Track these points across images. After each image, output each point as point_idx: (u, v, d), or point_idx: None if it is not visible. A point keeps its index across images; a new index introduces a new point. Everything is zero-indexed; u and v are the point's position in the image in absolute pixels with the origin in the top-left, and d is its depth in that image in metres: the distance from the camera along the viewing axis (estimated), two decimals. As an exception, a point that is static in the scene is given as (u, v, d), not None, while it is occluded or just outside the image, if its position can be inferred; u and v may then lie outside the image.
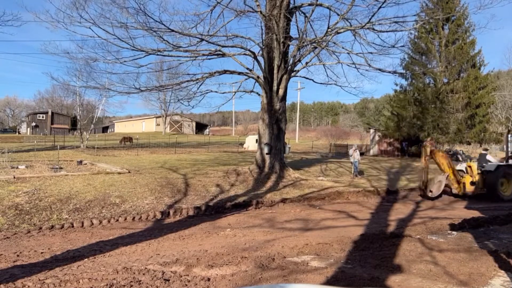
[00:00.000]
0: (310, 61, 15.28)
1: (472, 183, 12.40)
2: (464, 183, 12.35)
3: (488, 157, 13.21)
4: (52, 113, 67.78)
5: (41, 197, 9.39)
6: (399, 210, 10.31)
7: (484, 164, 12.78)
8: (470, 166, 12.82)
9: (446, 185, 12.42)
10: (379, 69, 14.82)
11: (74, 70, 20.55)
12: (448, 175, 12.35)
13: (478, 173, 12.53)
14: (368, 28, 12.89)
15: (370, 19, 12.19)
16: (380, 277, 4.57)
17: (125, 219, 8.80)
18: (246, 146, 32.08)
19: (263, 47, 14.51)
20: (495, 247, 5.86)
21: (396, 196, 13.03)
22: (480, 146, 30.72)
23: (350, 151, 17.06)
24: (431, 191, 12.18)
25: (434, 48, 27.72)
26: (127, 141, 34.96)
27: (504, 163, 13.11)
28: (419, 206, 11.16)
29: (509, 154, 13.72)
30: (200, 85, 14.99)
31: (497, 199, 12.07)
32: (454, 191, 12.51)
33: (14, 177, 10.65)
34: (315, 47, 14.05)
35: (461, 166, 13.10)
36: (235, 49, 14.33)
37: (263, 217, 9.24)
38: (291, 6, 14.41)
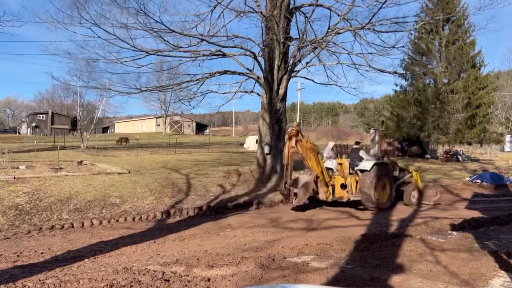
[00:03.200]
0: (310, 61, 15.30)
1: (343, 185, 9.93)
2: (333, 186, 9.74)
3: (362, 153, 10.84)
4: (52, 113, 67.77)
5: (41, 197, 9.39)
6: (401, 210, 10.31)
7: (357, 162, 10.34)
8: (341, 164, 10.25)
9: (312, 189, 9.52)
10: (379, 70, 14.83)
11: (75, 70, 20.55)
12: (316, 175, 9.43)
13: (350, 173, 10.21)
14: (368, 28, 12.90)
15: (370, 19, 12.21)
16: (380, 277, 4.57)
17: (125, 219, 8.80)
18: (246, 146, 32.08)
19: (263, 47, 14.51)
20: (495, 248, 5.86)
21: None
22: (481, 146, 30.69)
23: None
24: (295, 195, 9.24)
25: (434, 49, 27.74)
26: (123, 141, 35.03)
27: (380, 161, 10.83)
28: (420, 206, 11.15)
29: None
30: (200, 86, 15.01)
31: (374, 207, 9.87)
32: (322, 196, 9.55)
33: (14, 178, 10.65)
34: (315, 48, 14.05)
35: (330, 164, 10.40)
36: (236, 50, 14.34)
37: (264, 218, 9.24)
38: (291, 6, 14.42)
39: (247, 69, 14.67)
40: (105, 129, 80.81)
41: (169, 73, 16.46)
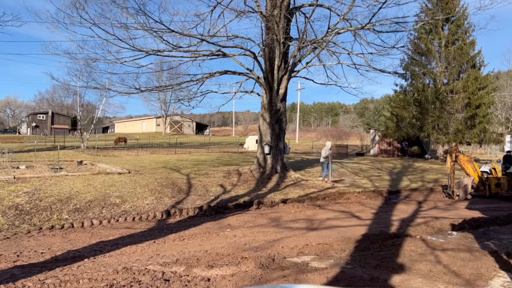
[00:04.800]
0: (310, 61, 15.30)
1: (497, 184, 12.66)
2: (489, 185, 12.64)
3: None
4: (53, 113, 67.78)
5: (41, 197, 9.39)
6: (401, 210, 10.31)
7: (508, 166, 13.07)
8: (494, 168, 13.10)
9: (471, 187, 12.70)
10: (379, 70, 14.83)
11: (74, 70, 20.59)
12: (473, 179, 12.59)
13: (503, 175, 12.91)
14: (368, 28, 12.90)
15: (370, 19, 12.21)
16: (380, 277, 4.57)
17: (125, 219, 8.80)
18: (246, 146, 32.08)
19: (263, 47, 14.52)
20: (495, 248, 5.86)
21: (398, 196, 13.03)
22: (480, 146, 30.66)
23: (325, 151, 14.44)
24: (457, 195, 12.39)
25: (434, 49, 27.73)
26: (122, 141, 34.83)
27: None
28: (421, 206, 11.15)
29: None
30: (200, 86, 15.02)
31: None
32: (480, 193, 12.76)
33: (15, 177, 10.65)
34: (315, 48, 14.05)
35: (485, 168, 13.32)
36: (236, 50, 14.34)
37: (264, 218, 9.24)
38: (291, 6, 14.41)
39: (247, 69, 14.68)
40: (105, 129, 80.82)
41: (169, 73, 16.49)
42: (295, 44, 14.19)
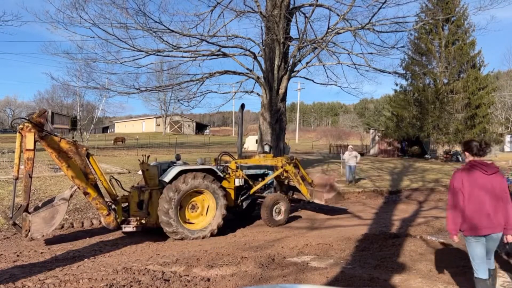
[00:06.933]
0: (310, 61, 15.27)
1: (139, 204, 6.95)
2: (128, 205, 7.01)
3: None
4: (52, 113, 67.70)
5: (41, 197, 9.39)
6: (402, 210, 10.29)
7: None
8: (145, 170, 7.06)
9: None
10: (379, 70, 14.80)
11: (74, 70, 20.52)
12: (84, 191, 6.18)
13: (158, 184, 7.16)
14: (368, 28, 12.88)
15: (370, 19, 12.19)
16: (380, 278, 4.57)
17: (125, 219, 8.78)
18: (246, 146, 32.08)
19: (263, 47, 14.50)
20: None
21: (398, 196, 13.01)
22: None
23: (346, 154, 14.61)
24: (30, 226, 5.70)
25: (434, 49, 27.74)
26: (119, 141, 34.99)
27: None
28: (421, 206, 11.14)
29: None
30: (200, 86, 14.99)
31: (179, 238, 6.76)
32: (103, 221, 6.56)
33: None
34: (315, 48, 14.03)
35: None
36: (236, 50, 14.32)
37: (263, 218, 9.22)
38: (291, 6, 14.40)
39: (247, 69, 14.66)
40: (105, 129, 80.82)
41: (169, 73, 16.46)
42: (295, 44, 14.18)
